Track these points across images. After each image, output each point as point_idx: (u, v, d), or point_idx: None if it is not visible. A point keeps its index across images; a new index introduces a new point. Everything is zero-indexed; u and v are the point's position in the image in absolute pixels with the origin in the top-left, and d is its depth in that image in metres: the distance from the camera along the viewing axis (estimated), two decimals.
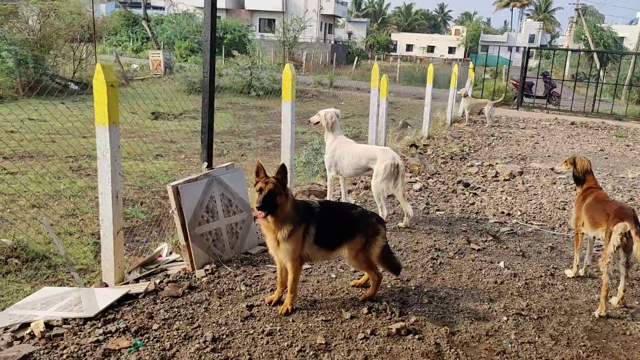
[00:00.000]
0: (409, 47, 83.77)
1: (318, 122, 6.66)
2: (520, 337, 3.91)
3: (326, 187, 8.09)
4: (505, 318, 4.17)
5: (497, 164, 10.22)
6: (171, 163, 10.80)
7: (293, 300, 4.06)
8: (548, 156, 11.51)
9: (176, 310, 3.98)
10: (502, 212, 7.21)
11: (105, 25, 25.67)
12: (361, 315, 4.05)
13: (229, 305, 4.11)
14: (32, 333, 3.63)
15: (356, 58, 43.50)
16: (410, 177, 9.00)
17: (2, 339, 3.56)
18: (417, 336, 3.78)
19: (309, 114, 9.87)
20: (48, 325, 3.68)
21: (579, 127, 16.55)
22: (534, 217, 7.14)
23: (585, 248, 5.19)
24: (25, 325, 3.73)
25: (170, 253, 5.32)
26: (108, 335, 3.60)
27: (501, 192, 8.37)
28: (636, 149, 13.14)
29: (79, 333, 3.62)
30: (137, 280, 4.54)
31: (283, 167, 3.80)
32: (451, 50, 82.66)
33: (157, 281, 4.43)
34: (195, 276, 4.57)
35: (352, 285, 4.55)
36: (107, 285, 4.47)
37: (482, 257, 5.46)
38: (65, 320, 3.75)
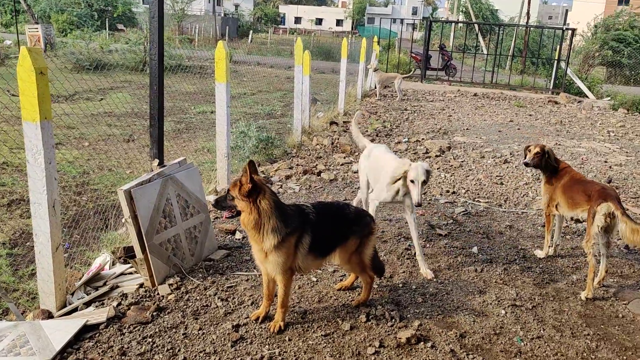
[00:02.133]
0: (297, 20, 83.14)
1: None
2: (528, 332, 3.73)
3: (264, 174, 7.55)
4: (503, 311, 3.99)
5: (423, 139, 10.20)
6: (75, 152, 9.62)
7: (285, 314, 3.58)
8: (466, 129, 11.71)
9: (150, 340, 3.35)
10: (448, 191, 7.12)
11: None
12: (361, 325, 3.67)
13: (210, 327, 3.54)
14: None
15: (251, 32, 42.27)
16: (344, 157, 8.69)
17: None
18: (428, 344, 3.47)
19: (213, 90, 9.16)
20: None
21: (482, 99, 17.15)
22: (478, 194, 7.12)
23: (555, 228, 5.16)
24: None
25: (114, 264, 4.58)
26: None
27: (437, 169, 8.30)
28: (539, 118, 13.81)
29: None
30: (87, 305, 3.81)
31: (250, 162, 3.23)
32: (339, 22, 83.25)
33: (115, 304, 3.74)
34: (158, 294, 3.92)
35: (338, 288, 4.15)
36: (50, 314, 3.71)
37: (452, 243, 5.27)
38: None
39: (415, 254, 4.89)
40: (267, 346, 3.36)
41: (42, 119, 3.51)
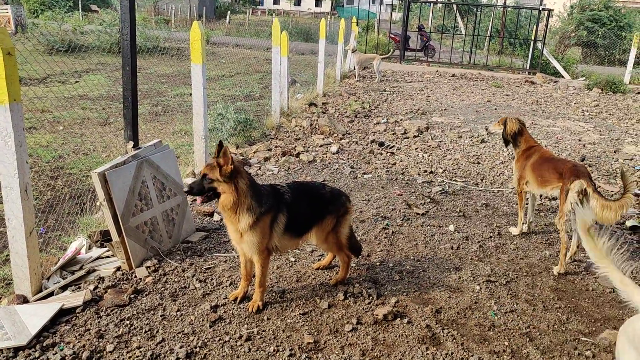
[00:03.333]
0: (276, 1, 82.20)
1: None
2: (501, 306, 3.81)
3: (243, 156, 7.53)
4: (478, 287, 4.06)
5: (402, 120, 10.24)
6: (49, 136, 9.47)
7: (263, 294, 3.60)
8: (444, 109, 11.77)
9: (128, 323, 3.35)
10: (425, 171, 7.18)
11: None
12: (339, 303, 3.71)
13: (189, 308, 3.56)
14: None
15: (229, 13, 41.71)
16: (323, 139, 8.68)
17: None
18: (405, 320, 3.53)
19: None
20: None
21: (460, 79, 17.22)
22: (455, 173, 7.20)
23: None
24: None
25: (90, 247, 4.56)
26: None
27: (415, 149, 8.36)
28: (516, 98, 13.93)
29: None
30: (63, 289, 3.79)
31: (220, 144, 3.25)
32: (318, 3, 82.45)
33: (92, 287, 3.73)
34: (136, 276, 3.91)
35: (316, 268, 4.18)
36: (25, 299, 3.69)
37: (429, 222, 5.33)
38: None
39: (392, 232, 4.95)
40: (245, 325, 3.38)
41: (10, 101, 3.46)
